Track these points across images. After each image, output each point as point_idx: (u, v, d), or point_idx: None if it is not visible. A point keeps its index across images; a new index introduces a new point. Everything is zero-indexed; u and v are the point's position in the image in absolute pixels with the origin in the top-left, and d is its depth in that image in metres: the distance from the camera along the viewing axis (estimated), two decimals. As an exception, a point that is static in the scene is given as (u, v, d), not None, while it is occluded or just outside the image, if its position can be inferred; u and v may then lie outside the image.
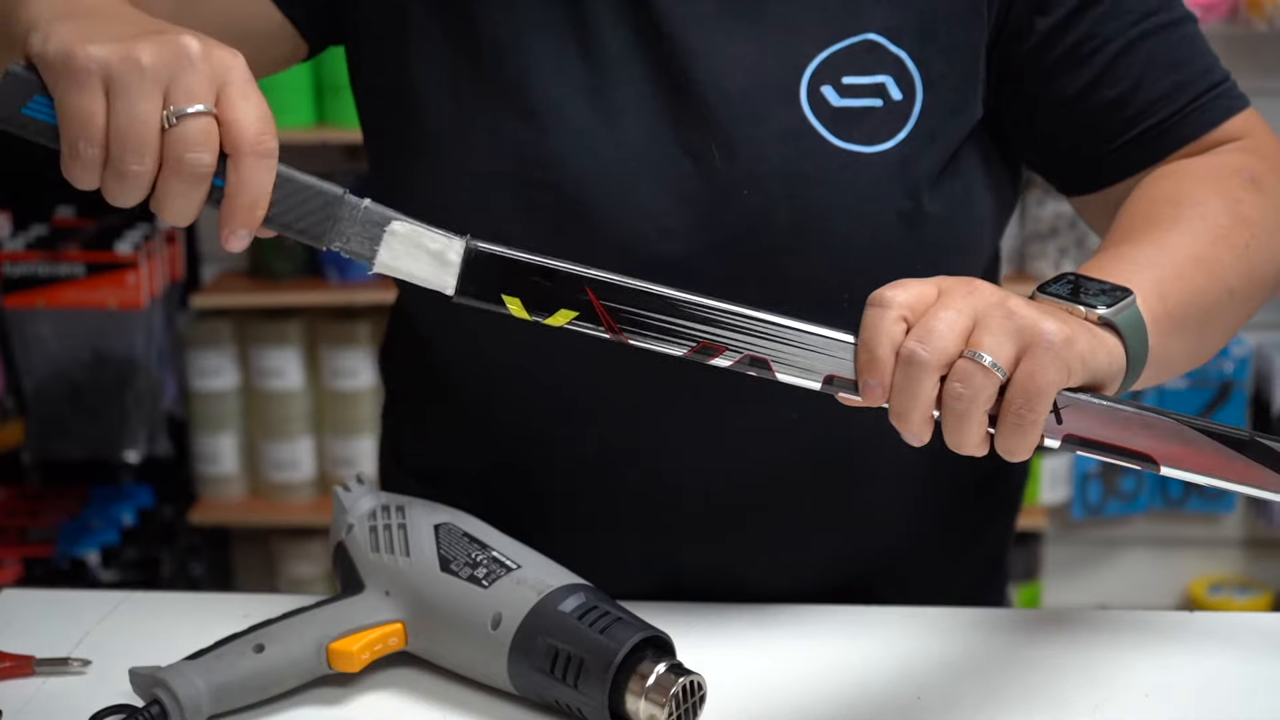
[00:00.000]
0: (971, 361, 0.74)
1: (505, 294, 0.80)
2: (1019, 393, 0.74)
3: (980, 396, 0.74)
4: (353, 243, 0.80)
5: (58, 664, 0.94)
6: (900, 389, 0.75)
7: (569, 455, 1.04)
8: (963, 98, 0.97)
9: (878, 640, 0.98)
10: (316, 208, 0.80)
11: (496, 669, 0.87)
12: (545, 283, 0.80)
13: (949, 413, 0.75)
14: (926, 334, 0.74)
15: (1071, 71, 0.97)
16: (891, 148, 0.95)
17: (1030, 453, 0.76)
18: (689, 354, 0.79)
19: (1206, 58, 0.99)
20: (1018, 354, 0.75)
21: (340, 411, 2.54)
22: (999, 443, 0.76)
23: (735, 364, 0.79)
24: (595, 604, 0.86)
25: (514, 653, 0.86)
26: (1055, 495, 2.58)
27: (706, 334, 0.79)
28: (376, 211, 0.80)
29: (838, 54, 0.95)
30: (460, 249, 0.80)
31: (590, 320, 0.80)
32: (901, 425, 0.76)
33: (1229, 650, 0.96)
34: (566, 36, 0.97)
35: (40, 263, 2.35)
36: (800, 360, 0.78)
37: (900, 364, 0.75)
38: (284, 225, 0.81)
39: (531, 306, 0.80)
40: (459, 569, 0.90)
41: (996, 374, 0.74)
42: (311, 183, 0.80)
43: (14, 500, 2.54)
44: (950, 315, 0.75)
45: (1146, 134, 0.97)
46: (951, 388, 0.74)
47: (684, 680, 0.83)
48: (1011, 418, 0.75)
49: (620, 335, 0.79)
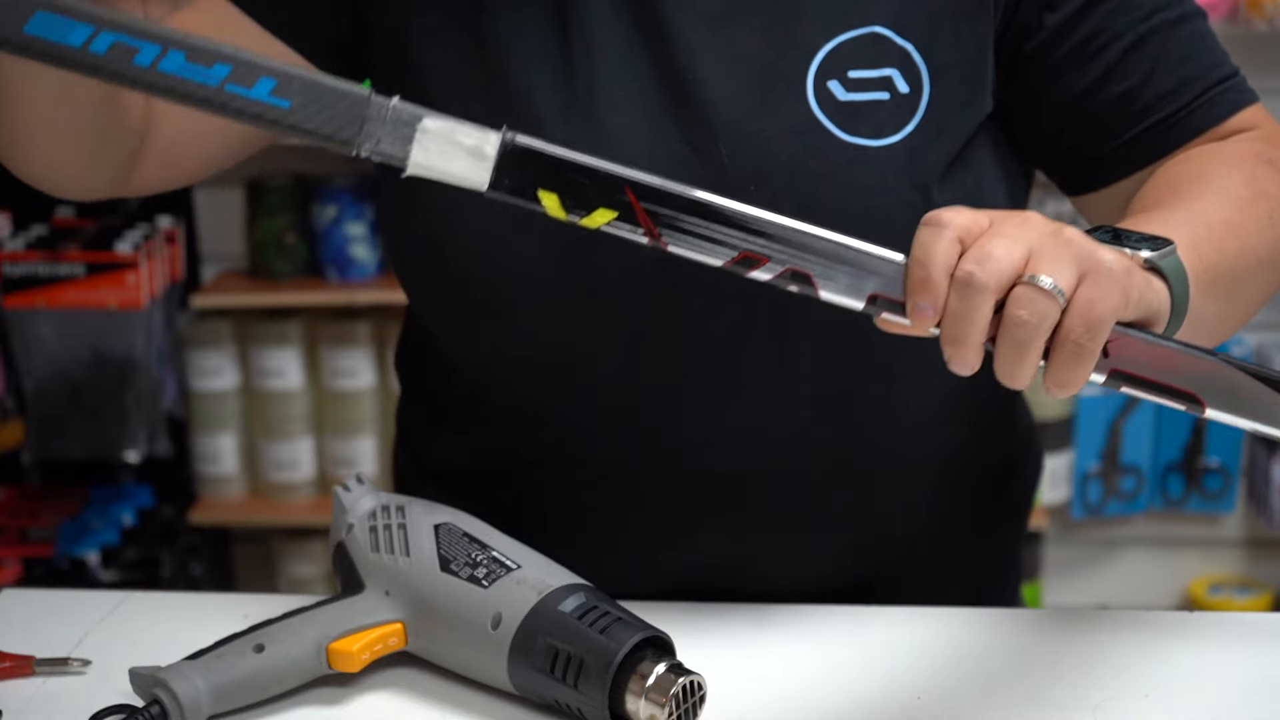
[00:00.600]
0: (1033, 287, 0.72)
1: (542, 189, 0.77)
2: (1079, 319, 0.72)
3: (1044, 324, 0.72)
4: (384, 144, 0.77)
5: (58, 664, 0.93)
6: (955, 313, 0.73)
7: (578, 453, 1.04)
8: (970, 91, 0.97)
9: (878, 640, 0.98)
10: (342, 110, 0.77)
11: (496, 669, 0.87)
12: (584, 180, 0.77)
13: (1008, 341, 0.73)
14: (984, 256, 0.73)
15: (1080, 67, 0.97)
16: (898, 141, 0.95)
17: (1080, 386, 0.74)
18: (729, 264, 0.77)
19: (1215, 53, 0.99)
20: (1077, 280, 0.73)
21: (340, 411, 2.54)
22: (1052, 374, 0.74)
23: (777, 277, 0.76)
24: (595, 604, 0.86)
25: (514, 652, 0.86)
26: (1055, 495, 2.58)
27: (750, 243, 0.76)
28: (407, 109, 0.77)
29: (843, 46, 0.95)
30: (496, 142, 0.77)
31: (629, 222, 0.77)
32: (954, 352, 0.74)
33: (1229, 650, 0.96)
34: (567, 36, 0.97)
35: (40, 263, 2.35)
36: (845, 277, 0.76)
37: (956, 286, 0.73)
38: (309, 132, 0.77)
39: (569, 204, 0.77)
40: (459, 569, 0.90)
41: (1059, 299, 0.72)
42: (335, 84, 0.77)
43: (14, 500, 2.54)
44: (1006, 241, 0.73)
45: (1154, 128, 0.97)
46: (1014, 315, 0.72)
47: (684, 680, 0.83)
48: (1070, 346, 0.73)
49: (659, 240, 0.77)
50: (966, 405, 1.08)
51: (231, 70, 0.75)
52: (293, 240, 2.51)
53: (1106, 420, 2.58)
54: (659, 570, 1.05)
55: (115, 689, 0.90)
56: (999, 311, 0.73)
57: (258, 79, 0.75)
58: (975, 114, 0.98)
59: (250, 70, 0.75)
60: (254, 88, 0.75)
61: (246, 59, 0.75)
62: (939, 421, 1.06)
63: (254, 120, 0.76)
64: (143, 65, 0.74)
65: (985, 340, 0.73)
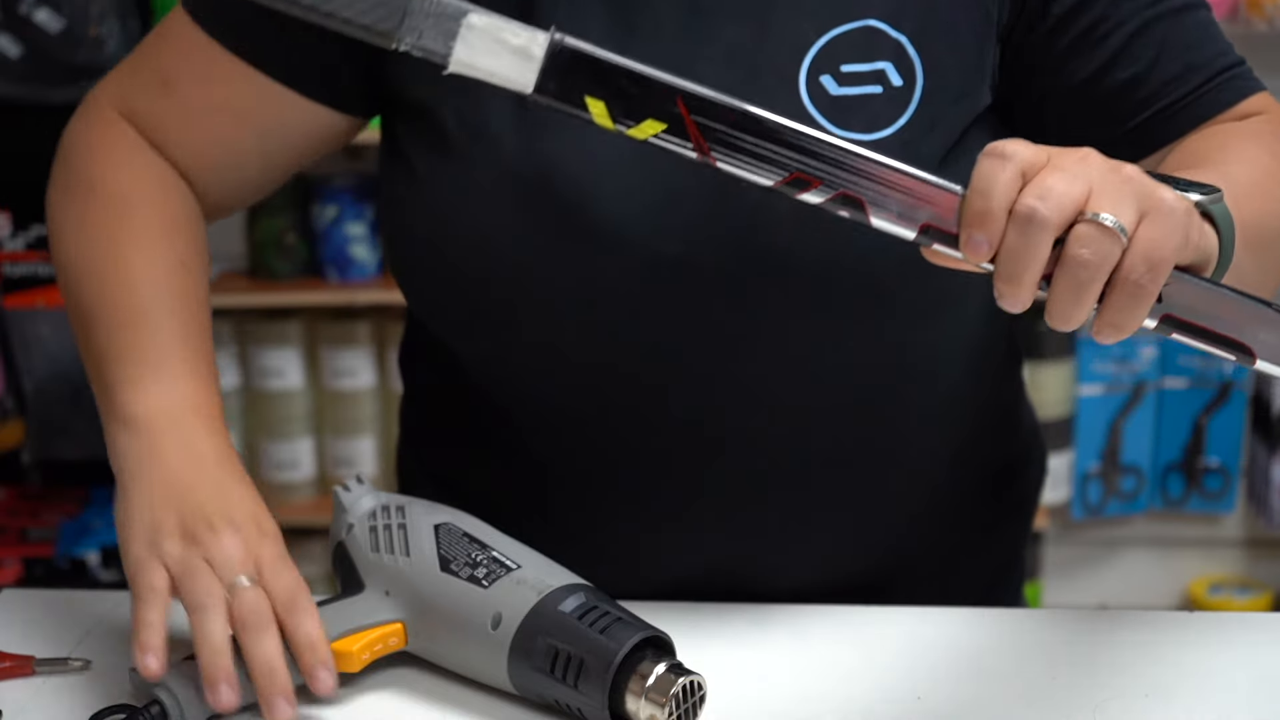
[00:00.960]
0: (1096, 225, 0.70)
1: (589, 95, 0.75)
2: (1140, 259, 0.70)
3: (1107, 263, 0.70)
4: (425, 38, 0.74)
5: (58, 664, 0.93)
6: (1014, 249, 0.71)
7: (579, 453, 1.04)
8: (965, 84, 0.97)
9: (878, 640, 0.98)
10: (382, 1, 0.74)
11: (496, 669, 0.87)
12: (634, 88, 0.74)
13: (1067, 280, 0.71)
14: (1046, 191, 0.70)
15: (1085, 54, 0.97)
16: (891, 134, 0.95)
17: (1134, 329, 0.72)
18: (780, 184, 0.74)
19: (1220, 42, 0.99)
20: (1138, 219, 0.71)
21: (340, 411, 2.54)
22: (1107, 315, 0.72)
23: (827, 201, 0.74)
24: (595, 604, 0.86)
25: (514, 653, 0.86)
26: (1055, 495, 2.58)
27: (802, 164, 0.74)
28: (451, 4, 0.74)
29: (837, 41, 0.95)
30: (544, 43, 0.74)
31: (679, 135, 0.74)
32: (1008, 289, 0.71)
33: (1229, 650, 0.96)
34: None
35: (40, 263, 2.35)
36: (898, 204, 0.74)
37: (1016, 222, 0.70)
38: (346, 21, 0.74)
39: (616, 113, 0.75)
40: (459, 569, 0.90)
41: (1122, 238, 0.70)
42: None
43: (14, 500, 2.54)
44: (1067, 176, 0.71)
45: (1159, 114, 0.97)
46: (1076, 254, 0.70)
47: (684, 680, 0.83)
48: (1129, 287, 0.71)
49: (708, 155, 0.74)
50: (970, 405, 1.08)
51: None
52: (293, 240, 2.51)
53: (1106, 420, 2.58)
54: (661, 570, 1.05)
55: (115, 689, 0.90)
56: (1054, 248, 0.71)
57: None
58: (971, 106, 0.98)
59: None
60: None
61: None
62: (942, 421, 1.06)
63: (290, 5, 0.74)
64: None
65: (1041, 278, 0.71)
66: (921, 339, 1.01)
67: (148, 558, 0.87)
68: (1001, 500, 1.15)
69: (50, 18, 2.29)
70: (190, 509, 0.89)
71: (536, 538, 0.94)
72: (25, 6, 2.28)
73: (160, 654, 0.84)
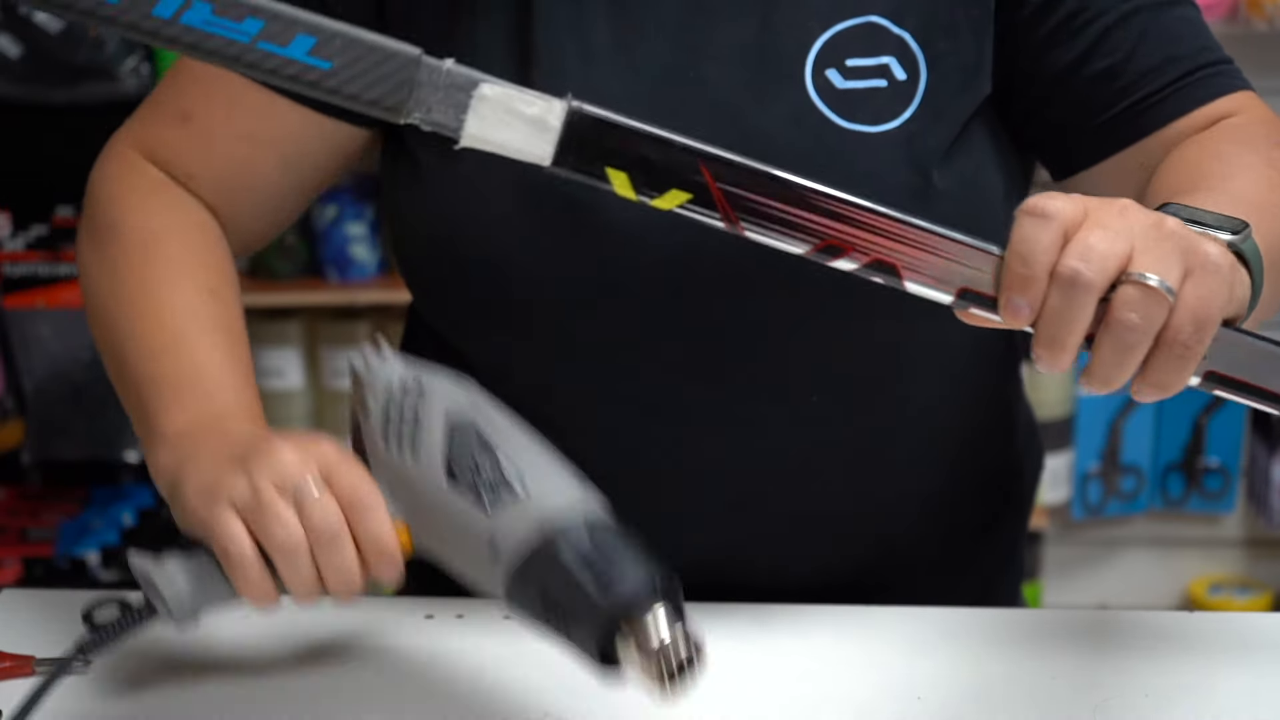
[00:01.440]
0: (1141, 286, 0.67)
1: (610, 166, 0.72)
2: (1188, 319, 0.68)
3: (1154, 325, 0.68)
4: (435, 112, 0.71)
5: (58, 664, 0.93)
6: (1056, 313, 0.68)
7: (579, 450, 1.03)
8: (968, 75, 0.97)
9: (878, 640, 0.98)
10: (390, 73, 0.70)
11: (494, 591, 0.84)
12: (656, 155, 0.72)
13: (1114, 344, 0.68)
14: (1088, 251, 0.68)
15: (1065, 43, 0.97)
16: (896, 127, 0.95)
17: (1179, 389, 0.70)
18: (811, 252, 0.72)
19: (1204, 38, 0.98)
20: (1182, 276, 0.68)
21: (340, 411, 2.54)
22: (1151, 376, 0.70)
23: (861, 267, 0.72)
24: (599, 543, 0.82)
25: (510, 588, 0.82)
26: (1055, 495, 2.58)
27: (834, 231, 0.72)
28: (462, 73, 0.71)
29: (841, 35, 0.95)
30: (561, 112, 0.71)
31: (705, 205, 0.72)
32: (1051, 352, 0.69)
33: (1229, 650, 0.96)
34: (561, 31, 0.97)
35: (40, 263, 2.34)
36: (934, 269, 0.71)
37: (1059, 284, 0.68)
38: (352, 97, 0.71)
39: (639, 183, 0.72)
40: (464, 484, 0.84)
41: (1169, 298, 0.67)
42: (382, 43, 0.70)
43: (14, 500, 2.54)
44: (1110, 234, 0.68)
45: (1136, 105, 0.96)
46: (1122, 317, 0.68)
47: (677, 631, 0.80)
48: (1176, 349, 0.68)
49: (737, 225, 0.72)
50: (968, 404, 1.08)
51: (264, 25, 0.69)
52: (293, 240, 2.50)
53: (1106, 420, 2.58)
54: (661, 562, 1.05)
55: (115, 689, 0.90)
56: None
57: (294, 36, 0.69)
58: (973, 97, 0.98)
59: (286, 26, 0.69)
60: (290, 46, 0.70)
61: (282, 12, 0.69)
62: (940, 420, 1.06)
63: (289, 82, 0.70)
64: (162, 16, 0.69)
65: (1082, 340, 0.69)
66: (920, 338, 1.01)
67: (216, 509, 0.81)
68: (999, 499, 1.15)
69: (50, 18, 2.29)
70: (241, 451, 0.84)
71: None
72: (26, 6, 2.28)
73: (275, 600, 0.81)
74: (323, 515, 0.80)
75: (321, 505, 0.80)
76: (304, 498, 0.80)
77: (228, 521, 0.81)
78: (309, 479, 0.80)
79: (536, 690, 0.92)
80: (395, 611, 1.02)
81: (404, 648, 0.97)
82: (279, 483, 0.80)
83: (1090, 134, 0.98)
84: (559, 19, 0.96)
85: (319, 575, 0.80)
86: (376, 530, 0.80)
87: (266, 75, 0.70)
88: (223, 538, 0.81)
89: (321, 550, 0.80)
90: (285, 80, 0.70)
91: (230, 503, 0.81)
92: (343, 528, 0.80)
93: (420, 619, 1.01)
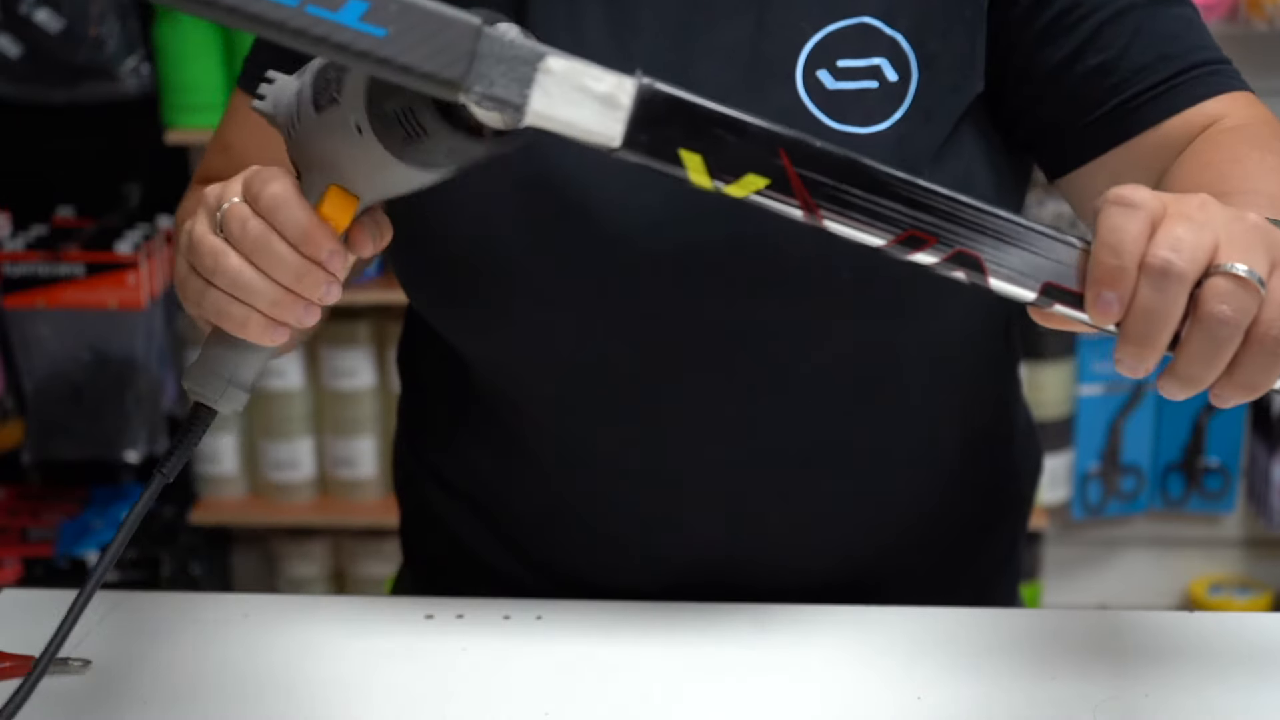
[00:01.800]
0: (1231, 277, 0.64)
1: (683, 148, 0.68)
2: (1279, 313, 0.65)
3: (1247, 318, 0.65)
4: (498, 86, 0.66)
5: (58, 664, 0.93)
6: (1147, 306, 0.65)
7: (578, 449, 1.04)
8: (960, 76, 0.97)
9: (878, 640, 0.98)
10: (449, 42, 0.65)
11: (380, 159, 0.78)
12: (732, 138, 0.67)
13: (1205, 339, 0.65)
14: (1177, 242, 0.64)
15: (1057, 40, 0.96)
16: (887, 128, 0.95)
17: (1268, 389, 0.67)
18: (891, 244, 0.68)
19: (1201, 37, 0.97)
20: (1270, 269, 0.66)
21: (340, 411, 2.54)
22: (1240, 376, 0.66)
23: (942, 261, 0.68)
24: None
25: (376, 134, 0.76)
26: (1055, 495, 2.58)
27: (915, 219, 0.68)
28: (526, 46, 0.66)
29: (832, 36, 0.95)
30: (633, 90, 0.67)
31: (783, 191, 0.68)
32: (1140, 349, 0.66)
33: (1229, 650, 0.96)
34: (556, 29, 0.97)
35: (40, 263, 2.34)
36: (1019, 262, 0.67)
37: (1149, 276, 0.65)
38: (406, 69, 0.65)
39: (714, 167, 0.68)
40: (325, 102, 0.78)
41: (1260, 289, 0.64)
42: (440, 10, 0.64)
43: (14, 500, 2.54)
44: (1194, 225, 0.65)
45: (1130, 102, 0.95)
46: (1214, 310, 0.64)
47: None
48: (1269, 344, 0.65)
49: (816, 213, 0.68)
50: (966, 405, 1.08)
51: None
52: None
53: (1106, 420, 2.58)
54: (659, 568, 1.05)
55: (115, 689, 0.90)
56: None
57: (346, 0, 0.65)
58: (965, 97, 0.97)
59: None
60: (341, 10, 0.65)
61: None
62: (938, 422, 1.06)
63: (339, 52, 0.66)
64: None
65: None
66: (918, 337, 1.01)
67: (178, 278, 0.83)
68: (998, 499, 1.15)
69: (50, 18, 2.29)
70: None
71: (534, 530, 0.93)
72: (25, 6, 2.28)
73: (274, 328, 0.80)
74: (239, 227, 0.78)
75: (238, 219, 0.79)
76: (224, 221, 0.79)
77: (189, 286, 0.82)
78: (222, 205, 0.80)
79: (536, 690, 0.92)
80: (395, 611, 1.02)
81: (404, 648, 0.97)
82: (209, 227, 0.81)
83: (1082, 132, 0.97)
84: (554, 15, 0.96)
85: (278, 284, 0.79)
86: (294, 218, 0.78)
87: (314, 45, 0.65)
88: (195, 300, 0.81)
89: (256, 256, 0.78)
90: (335, 50, 0.65)
91: (185, 267, 0.82)
92: (263, 229, 0.78)
93: (420, 619, 1.01)
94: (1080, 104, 0.96)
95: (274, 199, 0.79)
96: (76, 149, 2.46)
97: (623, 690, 0.92)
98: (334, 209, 0.81)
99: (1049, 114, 0.98)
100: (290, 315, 0.80)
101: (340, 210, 0.81)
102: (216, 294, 0.81)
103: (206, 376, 0.85)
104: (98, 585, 0.82)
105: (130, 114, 2.39)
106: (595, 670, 0.94)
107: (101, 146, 2.45)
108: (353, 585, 2.60)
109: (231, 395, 0.85)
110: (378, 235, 0.83)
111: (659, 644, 0.97)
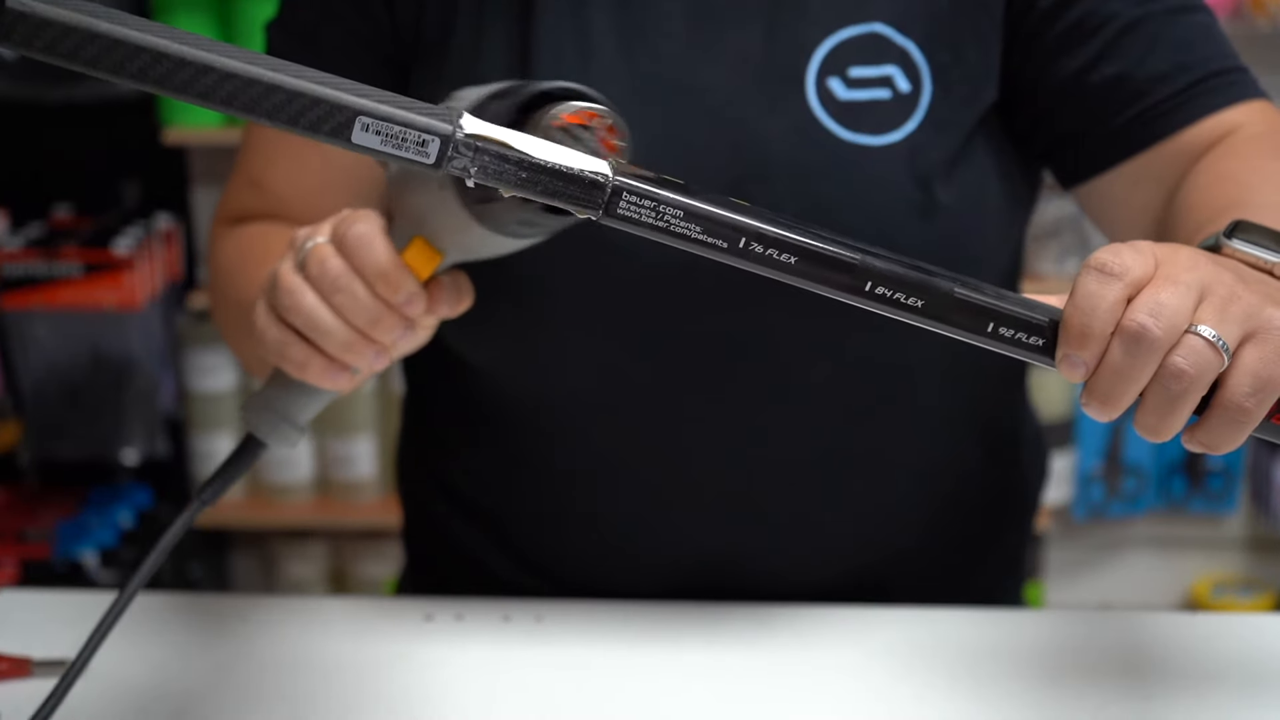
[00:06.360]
0: (1198, 337, 0.66)
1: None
2: (1247, 379, 0.67)
3: (1204, 378, 0.67)
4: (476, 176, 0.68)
5: (55, 665, 0.93)
6: (1117, 368, 0.67)
7: (582, 452, 1.04)
8: (973, 87, 0.97)
9: (878, 640, 0.97)
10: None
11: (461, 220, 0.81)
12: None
13: (1162, 393, 0.67)
14: (1158, 308, 0.66)
15: (1074, 49, 0.96)
16: (900, 140, 0.94)
17: (1235, 447, 0.69)
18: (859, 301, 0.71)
19: (1219, 45, 0.96)
20: (1243, 339, 0.67)
21: (339, 412, 2.53)
22: (1203, 434, 0.69)
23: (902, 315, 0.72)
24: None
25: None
26: (1057, 496, 2.58)
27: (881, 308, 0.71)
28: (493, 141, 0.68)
29: (844, 45, 0.95)
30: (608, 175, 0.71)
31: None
32: (1104, 405, 0.68)
33: (1232, 651, 0.96)
34: (563, 37, 0.96)
35: (37, 262, 2.34)
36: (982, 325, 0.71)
37: (1123, 338, 0.67)
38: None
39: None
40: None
41: (1224, 354, 0.66)
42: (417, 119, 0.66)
43: (11, 501, 2.54)
44: (1180, 290, 0.67)
45: (1148, 111, 0.95)
46: (1172, 362, 0.66)
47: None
48: (1231, 410, 0.68)
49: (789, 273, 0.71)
50: (972, 406, 1.08)
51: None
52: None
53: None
54: (661, 569, 1.04)
55: (114, 689, 0.90)
56: None
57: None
58: (978, 108, 0.97)
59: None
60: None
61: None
62: (943, 422, 1.06)
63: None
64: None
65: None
66: (922, 350, 1.00)
67: (254, 319, 0.83)
68: (1005, 505, 1.15)
69: (48, 17, 2.28)
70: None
71: (538, 536, 0.93)
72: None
73: (339, 372, 0.82)
74: (319, 266, 0.80)
75: (319, 258, 0.80)
76: (306, 260, 0.81)
77: (259, 323, 0.83)
78: (306, 244, 0.81)
79: (536, 690, 0.91)
80: (395, 612, 1.02)
81: (403, 648, 0.97)
82: (292, 265, 0.82)
83: (1098, 141, 0.97)
84: (561, 20, 0.96)
85: (350, 327, 0.80)
86: (374, 258, 0.79)
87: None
88: (260, 338, 0.82)
89: (333, 296, 0.80)
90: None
91: (261, 309, 0.83)
92: (343, 269, 0.80)
93: (420, 619, 1.00)
94: (1097, 113, 0.96)
95: (358, 239, 0.80)
96: (74, 148, 2.46)
97: (623, 691, 0.92)
98: (416, 259, 0.83)
99: (1065, 123, 0.97)
100: (361, 359, 0.81)
101: (422, 261, 0.83)
102: (282, 331, 0.81)
103: (262, 410, 0.87)
104: (131, 598, 0.85)
105: (128, 113, 2.38)
106: (596, 671, 0.94)
107: (99, 145, 2.45)
108: (352, 586, 2.60)
109: (284, 433, 0.87)
110: (456, 297, 0.83)
111: (660, 645, 0.97)
